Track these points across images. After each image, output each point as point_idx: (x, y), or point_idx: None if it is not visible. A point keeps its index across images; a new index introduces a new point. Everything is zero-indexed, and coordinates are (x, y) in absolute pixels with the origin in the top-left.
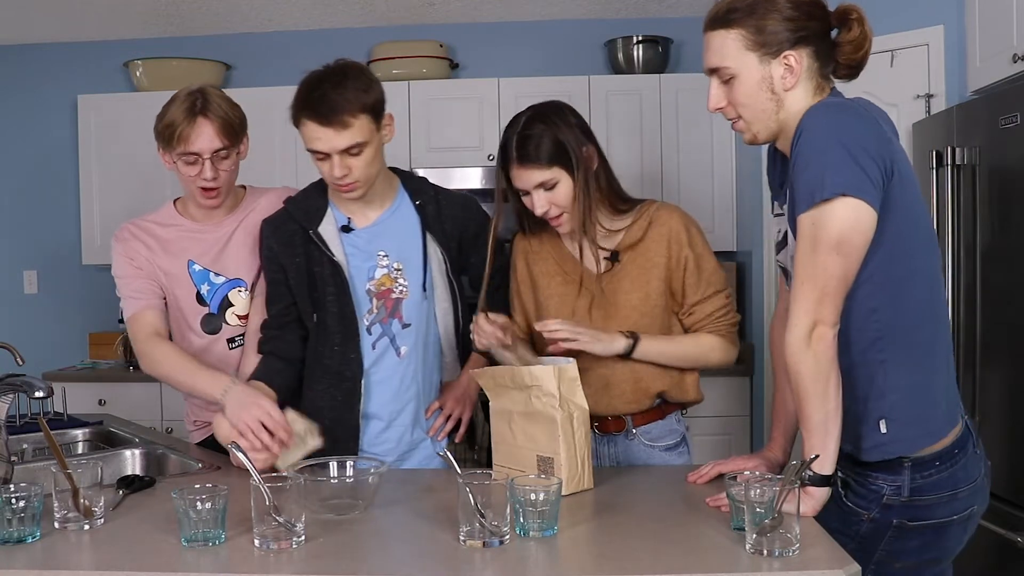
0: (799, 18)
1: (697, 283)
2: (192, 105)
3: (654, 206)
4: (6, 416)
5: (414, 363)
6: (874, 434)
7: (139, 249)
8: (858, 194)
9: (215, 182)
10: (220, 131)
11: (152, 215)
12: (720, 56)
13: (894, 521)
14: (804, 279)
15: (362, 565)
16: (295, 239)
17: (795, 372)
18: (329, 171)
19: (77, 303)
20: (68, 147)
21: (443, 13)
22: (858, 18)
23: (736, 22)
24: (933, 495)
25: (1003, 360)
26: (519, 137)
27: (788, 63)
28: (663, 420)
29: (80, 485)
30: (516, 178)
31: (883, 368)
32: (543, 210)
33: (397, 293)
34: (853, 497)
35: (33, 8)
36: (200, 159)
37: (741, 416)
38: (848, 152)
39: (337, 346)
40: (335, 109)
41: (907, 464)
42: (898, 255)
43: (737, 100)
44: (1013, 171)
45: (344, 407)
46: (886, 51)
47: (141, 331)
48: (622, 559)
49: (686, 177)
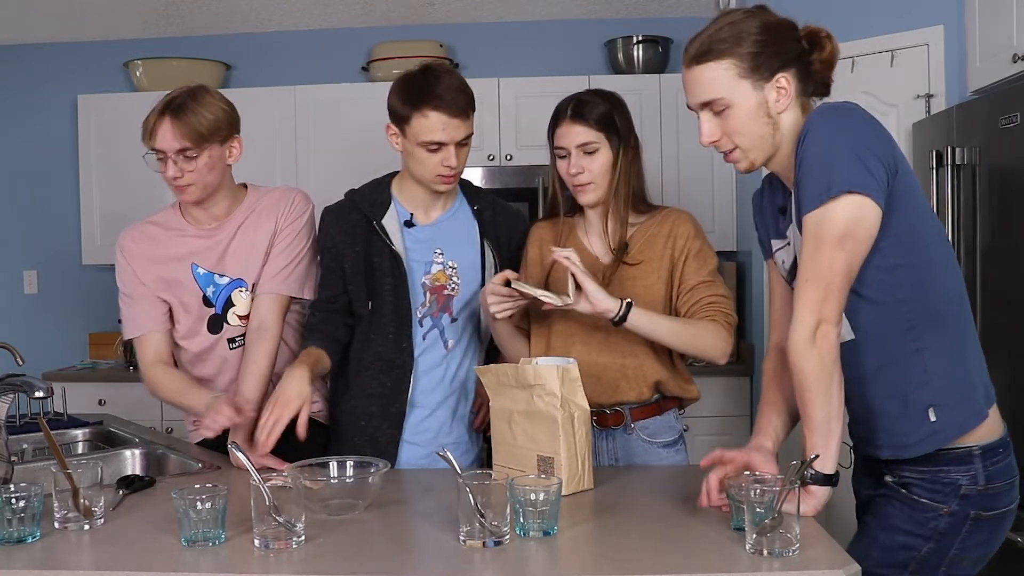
0: (779, 41)
1: (698, 269)
2: (168, 103)
3: (670, 209)
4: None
5: (459, 357)
6: (923, 425)
7: (142, 262)
8: (863, 191)
9: (179, 180)
10: (184, 133)
11: (154, 217)
12: (713, 88)
13: (971, 513)
14: (808, 277)
15: (362, 565)
16: (357, 229)
17: (799, 370)
18: (442, 161)
19: (77, 303)
20: (68, 147)
21: (443, 13)
22: (828, 36)
23: (725, 52)
24: (1002, 482)
25: (1003, 360)
26: (577, 100)
27: (781, 85)
28: (661, 416)
29: (80, 485)
30: (562, 135)
31: (921, 356)
32: (576, 171)
33: (449, 290)
34: (926, 494)
35: (33, 8)
36: (166, 156)
37: (741, 416)
38: (852, 151)
39: (391, 334)
40: (458, 100)
41: (977, 452)
42: (916, 246)
43: (733, 129)
44: (1013, 171)
45: (393, 393)
46: (886, 51)
47: (146, 355)
48: (622, 559)
49: (686, 177)
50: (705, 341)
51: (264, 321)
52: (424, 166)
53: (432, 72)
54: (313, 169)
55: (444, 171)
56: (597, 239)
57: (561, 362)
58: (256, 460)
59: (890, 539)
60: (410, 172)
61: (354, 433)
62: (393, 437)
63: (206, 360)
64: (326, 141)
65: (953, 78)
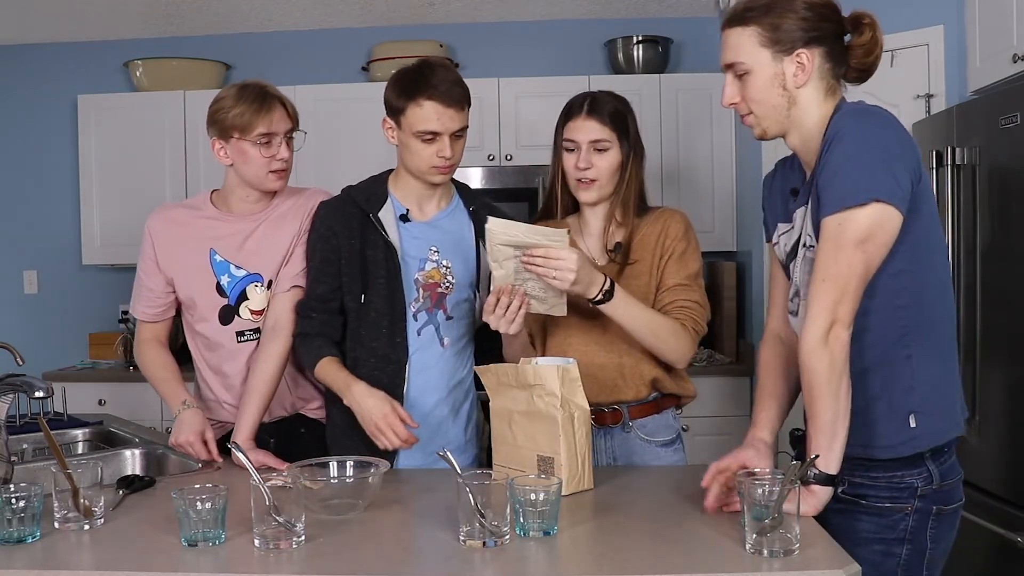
0: (813, 19)
1: (677, 270)
2: (264, 91)
3: (663, 209)
4: (6, 416)
5: (456, 355)
6: (903, 430)
7: (166, 244)
8: (889, 199)
9: (285, 164)
10: (291, 115)
11: (186, 201)
12: (735, 52)
13: (933, 508)
14: (825, 277)
15: (362, 565)
16: (353, 221)
17: (810, 370)
18: (437, 151)
19: (77, 303)
20: (68, 147)
21: (443, 13)
22: (870, 23)
23: (752, 20)
24: (953, 479)
25: (1003, 360)
26: (593, 97)
27: (800, 61)
28: (659, 415)
29: (80, 485)
30: (575, 129)
31: (910, 363)
32: (585, 166)
33: (443, 288)
34: (887, 500)
35: (33, 8)
36: (271, 139)
37: (740, 416)
38: (882, 159)
39: (385, 329)
40: (454, 92)
41: (927, 455)
42: (921, 254)
43: (750, 96)
44: (1013, 171)
45: (387, 390)
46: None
47: (143, 331)
48: (622, 559)
49: (686, 177)
50: (670, 342)
51: (279, 320)
52: (419, 157)
53: (428, 65)
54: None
55: (439, 162)
56: (594, 240)
57: (561, 362)
58: (256, 460)
59: (869, 552)
60: (405, 165)
61: (353, 432)
62: None
63: (215, 350)
64: (326, 141)
65: (953, 78)
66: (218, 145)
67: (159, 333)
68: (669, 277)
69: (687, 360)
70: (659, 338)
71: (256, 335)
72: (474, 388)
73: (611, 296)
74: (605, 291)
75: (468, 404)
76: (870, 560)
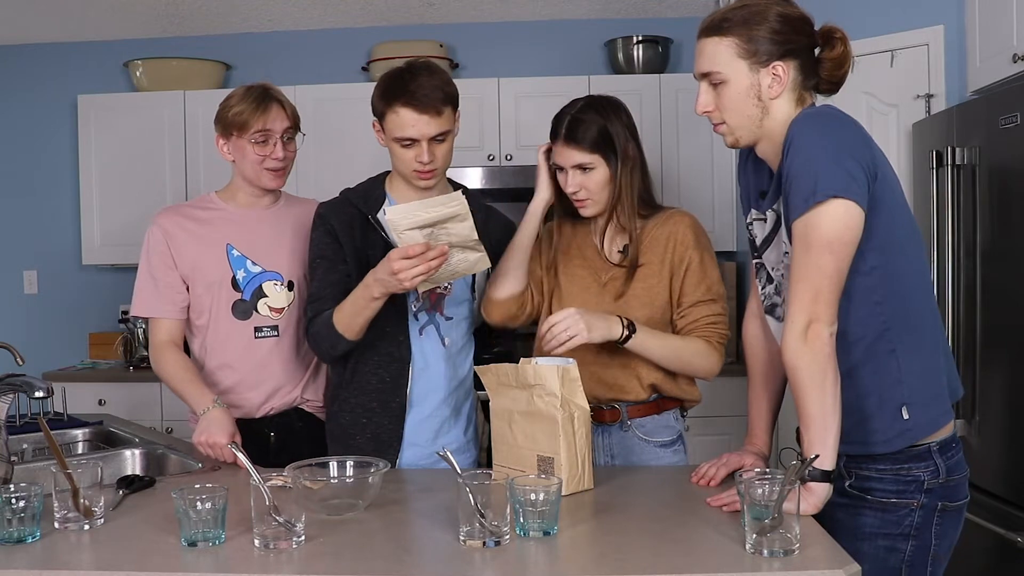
0: (788, 32)
1: (697, 284)
2: (265, 91)
3: (672, 211)
4: (6, 416)
5: (458, 355)
6: (896, 423)
7: (183, 243)
8: (846, 195)
9: (281, 162)
10: (289, 115)
11: (193, 201)
12: (712, 62)
13: (938, 504)
14: (799, 279)
15: (362, 565)
16: (353, 222)
17: (793, 368)
18: (416, 157)
19: (77, 303)
20: (68, 147)
21: (443, 13)
22: (841, 38)
23: (729, 31)
24: (959, 475)
25: (1003, 360)
26: (571, 118)
27: (776, 73)
28: (659, 415)
29: (80, 485)
30: (558, 154)
31: (895, 357)
32: (573, 190)
33: (441, 289)
34: (893, 494)
35: (33, 8)
36: (268, 138)
37: (740, 416)
38: (834, 156)
39: (388, 329)
40: (431, 97)
41: (935, 448)
42: (891, 249)
43: (724, 105)
44: (1013, 171)
45: (392, 389)
46: (886, 51)
47: (158, 335)
48: (622, 559)
49: (686, 177)
50: (696, 362)
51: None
52: (401, 161)
53: (410, 70)
54: (313, 169)
55: (418, 166)
56: (607, 240)
57: (561, 362)
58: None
59: (874, 548)
60: (393, 167)
61: (356, 431)
62: (394, 433)
63: (227, 346)
64: (326, 141)
65: (953, 78)
66: (221, 142)
67: (175, 335)
68: (688, 294)
69: (715, 373)
70: (684, 361)
71: (274, 332)
72: (474, 388)
73: (635, 329)
74: (627, 325)
75: (469, 404)
76: (874, 556)
